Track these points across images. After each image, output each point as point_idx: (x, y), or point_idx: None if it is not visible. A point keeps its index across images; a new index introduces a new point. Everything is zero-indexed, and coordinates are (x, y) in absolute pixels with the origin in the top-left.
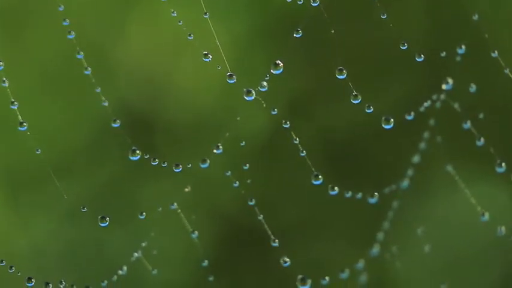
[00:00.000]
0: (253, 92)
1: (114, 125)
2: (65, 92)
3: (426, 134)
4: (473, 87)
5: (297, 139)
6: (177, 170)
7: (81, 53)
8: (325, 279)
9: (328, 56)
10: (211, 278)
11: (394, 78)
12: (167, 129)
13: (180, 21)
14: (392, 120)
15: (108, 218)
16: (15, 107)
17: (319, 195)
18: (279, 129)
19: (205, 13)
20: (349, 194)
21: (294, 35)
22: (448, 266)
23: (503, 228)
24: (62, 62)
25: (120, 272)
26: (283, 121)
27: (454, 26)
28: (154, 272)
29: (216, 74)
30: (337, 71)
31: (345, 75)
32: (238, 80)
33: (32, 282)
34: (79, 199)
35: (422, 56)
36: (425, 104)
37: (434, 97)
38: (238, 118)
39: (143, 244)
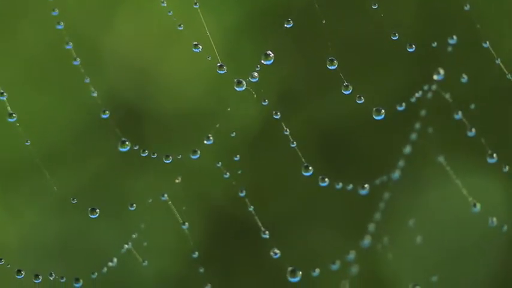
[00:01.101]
0: (244, 83)
1: (104, 116)
2: (54, 83)
3: (417, 125)
4: (464, 78)
5: (288, 130)
6: (167, 161)
7: (70, 43)
8: (315, 271)
9: (319, 47)
10: (201, 270)
11: (385, 69)
12: (157, 120)
13: (169, 12)
14: (383, 111)
15: (98, 210)
16: (4, 98)
17: (310, 187)
18: (270, 120)
19: (195, 3)
20: (339, 186)
21: (285, 26)
22: (439, 258)
23: (494, 219)
24: (50, 52)
25: (110, 263)
26: (274, 112)
27: (445, 16)
28: (145, 263)
29: (206, 64)
30: (328, 62)
31: (336, 66)
32: (228, 71)
33: (22, 274)
34: (69, 191)
35: (413, 46)
36: (417, 95)
37: (426, 88)
38: (228, 109)
39: (133, 236)
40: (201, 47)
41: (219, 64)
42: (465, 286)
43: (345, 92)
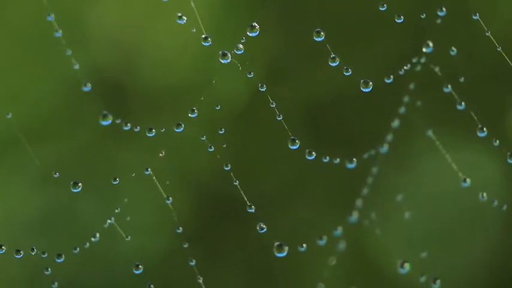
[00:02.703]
0: (229, 55)
1: (85, 89)
2: (35, 55)
3: (406, 98)
4: (454, 51)
5: (274, 103)
6: (150, 135)
7: (52, 15)
8: (302, 247)
9: (306, 19)
10: (185, 245)
11: (373, 41)
12: (141, 93)
13: None
14: (371, 83)
15: (80, 184)
16: None
17: (297, 161)
18: (256, 93)
19: None
20: (326, 159)
21: None
22: (428, 233)
23: (485, 194)
24: (32, 24)
25: (92, 239)
26: (260, 84)
27: None
28: (128, 238)
29: (191, 36)
30: (314, 33)
31: (323, 38)
32: (213, 43)
33: (3, 249)
34: (50, 165)
35: (401, 17)
36: (405, 68)
37: (415, 60)
38: (213, 81)
39: (116, 210)
40: (185, 18)
41: (203, 36)
42: (455, 262)
43: (331, 64)
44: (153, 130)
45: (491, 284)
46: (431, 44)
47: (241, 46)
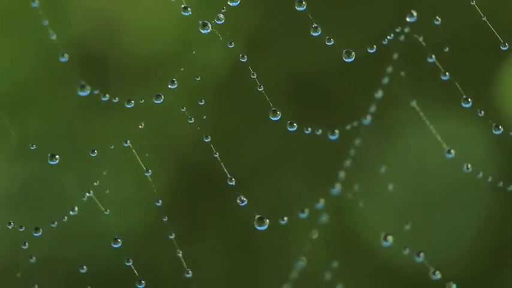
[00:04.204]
0: (209, 25)
1: (63, 59)
2: (12, 26)
3: (389, 69)
4: (438, 20)
5: (255, 74)
6: (129, 106)
7: None
8: (283, 220)
9: None
10: (165, 218)
11: (356, 11)
12: (120, 64)
13: None
14: (353, 53)
15: (57, 156)
16: None
17: (278, 133)
18: (237, 64)
19: None
20: (308, 131)
21: None
22: (412, 205)
23: (469, 165)
24: None
25: (71, 212)
26: (241, 55)
27: None
28: (107, 212)
29: (170, 6)
30: (296, 3)
31: (305, 7)
32: (193, 13)
33: None
34: (27, 137)
35: None
36: (389, 37)
37: (398, 30)
38: (193, 52)
39: (95, 183)
40: None
41: (183, 6)
42: (439, 235)
43: (313, 34)
44: (132, 101)
45: (477, 258)
46: (415, 14)
47: (221, 16)
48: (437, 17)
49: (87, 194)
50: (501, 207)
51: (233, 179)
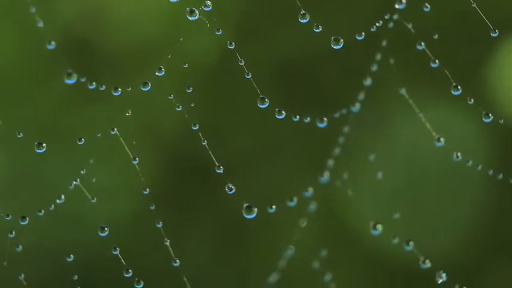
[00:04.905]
0: (197, 12)
1: (50, 47)
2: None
3: (378, 56)
4: (427, 7)
5: (243, 61)
6: (116, 94)
7: None
8: (272, 208)
9: None
10: (152, 207)
11: None
12: (107, 52)
13: None
14: (342, 40)
15: (44, 144)
16: None
17: (267, 120)
18: (225, 51)
19: None
20: (297, 118)
21: None
22: (402, 194)
23: (459, 153)
24: None
25: (57, 200)
26: (229, 42)
27: None
28: (94, 200)
29: None
30: None
31: None
32: (180, 0)
33: None
34: (14, 124)
35: None
36: (377, 24)
37: (387, 17)
38: (181, 39)
39: (82, 172)
40: None
41: None
42: (429, 222)
43: (301, 21)
44: (119, 89)
45: (468, 247)
46: (404, 0)
47: (209, 3)
48: (427, 4)
49: (74, 182)
50: (492, 195)
51: (221, 167)
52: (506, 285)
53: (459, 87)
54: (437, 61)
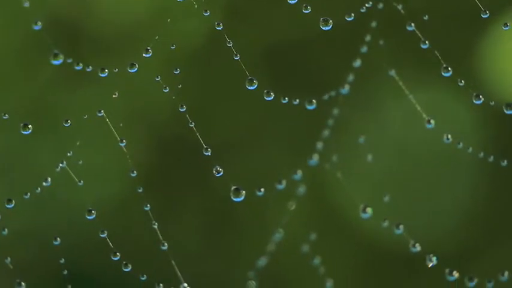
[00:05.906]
0: None
1: (36, 28)
2: None
3: (368, 37)
4: None
5: (231, 42)
6: (103, 75)
7: None
8: (260, 191)
9: None
10: (140, 189)
11: None
12: (94, 33)
13: None
14: (331, 21)
15: (30, 126)
16: None
17: (255, 102)
18: (213, 32)
19: None
20: (285, 100)
21: None
22: (392, 177)
23: (449, 136)
24: None
25: (44, 183)
26: (217, 23)
27: None
28: (81, 183)
29: None
30: None
31: None
32: None
33: None
34: (0, 107)
35: None
36: (367, 5)
37: None
38: (168, 20)
39: (68, 154)
40: None
41: None
42: (419, 206)
43: (290, 2)
44: (106, 70)
45: (460, 230)
46: None
47: None
48: None
49: (61, 165)
50: (483, 178)
51: (209, 149)
52: (498, 269)
53: (450, 68)
54: (427, 42)
